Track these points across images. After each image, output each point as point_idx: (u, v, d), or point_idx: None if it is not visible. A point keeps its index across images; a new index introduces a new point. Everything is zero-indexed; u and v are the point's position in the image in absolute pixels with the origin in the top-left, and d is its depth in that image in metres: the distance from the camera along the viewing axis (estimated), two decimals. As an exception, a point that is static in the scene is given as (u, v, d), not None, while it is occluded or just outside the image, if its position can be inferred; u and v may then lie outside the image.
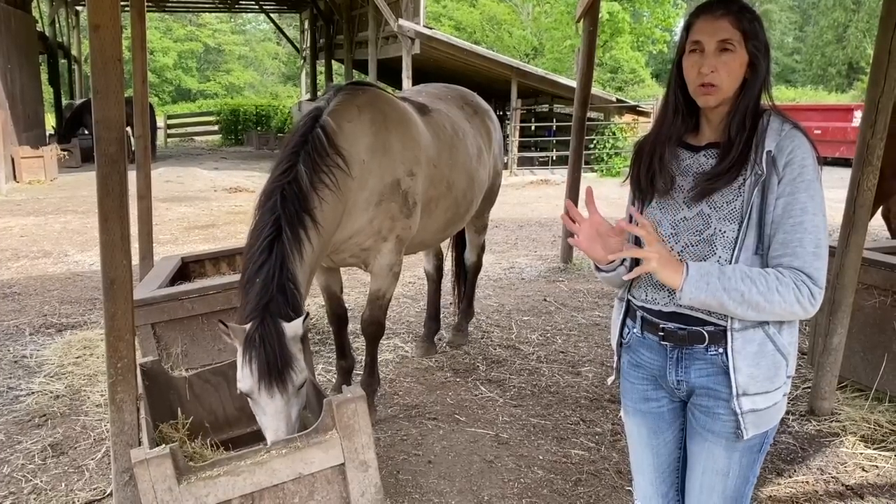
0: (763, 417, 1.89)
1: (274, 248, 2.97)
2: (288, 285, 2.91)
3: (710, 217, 1.86)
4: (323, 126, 3.40)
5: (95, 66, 2.63)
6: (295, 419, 2.77)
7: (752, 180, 1.80)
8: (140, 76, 5.90)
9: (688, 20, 1.91)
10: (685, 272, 1.76)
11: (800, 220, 1.77)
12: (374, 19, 18.66)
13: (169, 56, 44.64)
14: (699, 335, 1.89)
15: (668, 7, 27.42)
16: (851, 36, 42.41)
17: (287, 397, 2.70)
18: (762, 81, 1.85)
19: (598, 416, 4.22)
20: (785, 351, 1.86)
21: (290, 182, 3.16)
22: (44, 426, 4.09)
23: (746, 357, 1.84)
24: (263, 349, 2.66)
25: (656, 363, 2.02)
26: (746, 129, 1.83)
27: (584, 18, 8.03)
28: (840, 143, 18.94)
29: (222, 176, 16.23)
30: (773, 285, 1.75)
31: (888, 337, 4.25)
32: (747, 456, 1.96)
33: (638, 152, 2.05)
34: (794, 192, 1.77)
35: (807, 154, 1.79)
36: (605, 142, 17.90)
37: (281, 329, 2.72)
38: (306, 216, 3.12)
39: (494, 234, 9.68)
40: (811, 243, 1.77)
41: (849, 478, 3.52)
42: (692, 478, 2.05)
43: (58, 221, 10.75)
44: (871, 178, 3.95)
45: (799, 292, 1.75)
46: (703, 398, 1.95)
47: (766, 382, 1.86)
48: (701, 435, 1.99)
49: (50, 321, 5.98)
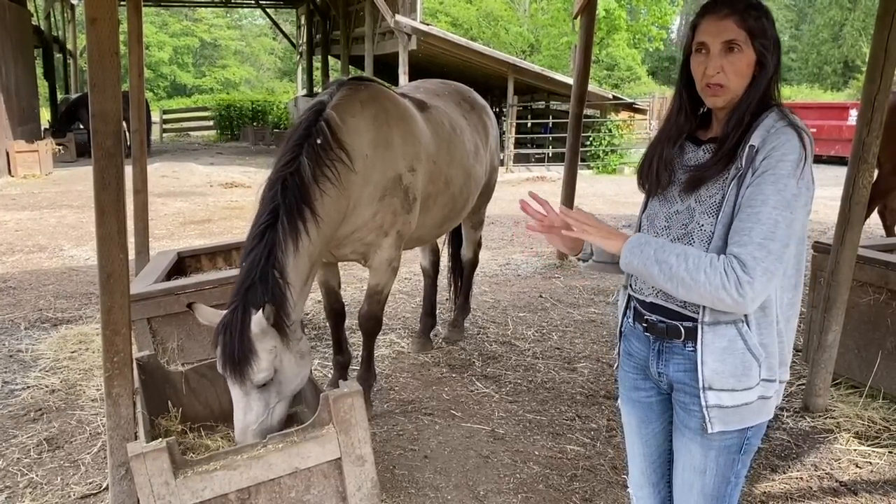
0: (731, 416, 1.86)
1: (266, 235, 2.97)
2: (272, 273, 2.89)
3: (694, 211, 1.87)
4: (327, 119, 3.40)
5: (92, 59, 2.62)
6: (258, 413, 2.78)
7: (733, 173, 1.79)
8: (136, 70, 5.88)
9: (694, 20, 1.90)
10: (629, 238, 1.83)
11: (756, 211, 1.71)
12: (371, 15, 18.62)
13: (164, 51, 44.53)
14: (676, 330, 1.91)
15: (665, 4, 27.38)
16: (847, 34, 42.49)
17: (245, 389, 2.74)
18: (769, 78, 1.83)
19: (593, 411, 4.23)
20: (756, 351, 1.82)
21: (293, 173, 3.16)
22: (39, 420, 4.09)
23: (714, 352, 1.83)
24: (224, 337, 2.72)
25: (642, 354, 2.06)
26: (744, 124, 1.81)
27: (580, 15, 8.03)
28: (836, 141, 18.97)
29: (218, 171, 16.18)
30: (703, 266, 1.71)
31: (882, 334, 4.27)
32: (724, 455, 1.94)
33: (650, 145, 2.07)
34: (761, 183, 1.72)
35: (789, 150, 1.72)
36: (602, 139, 17.91)
37: (247, 321, 2.73)
38: (306, 208, 3.12)
39: (490, 230, 9.69)
40: (759, 234, 1.69)
41: (843, 474, 3.54)
42: (676, 473, 2.08)
43: (53, 216, 10.72)
44: (866, 175, 3.96)
45: (726, 277, 1.68)
46: (680, 393, 1.97)
47: (732, 380, 1.83)
48: (680, 430, 2.01)
49: (45, 315, 5.97)
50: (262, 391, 2.80)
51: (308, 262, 3.16)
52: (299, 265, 3.08)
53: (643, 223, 2.03)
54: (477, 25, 36.64)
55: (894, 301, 4.18)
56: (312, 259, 3.22)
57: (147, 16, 37.69)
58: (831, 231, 4.18)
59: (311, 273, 3.26)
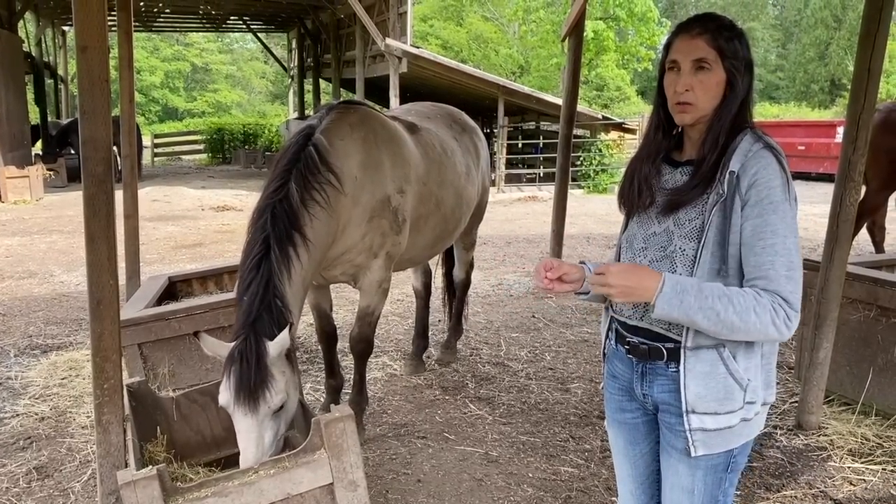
0: (714, 438, 1.87)
1: (261, 266, 2.98)
2: (275, 303, 2.91)
3: (673, 234, 1.88)
4: (315, 144, 3.41)
5: (83, 87, 2.63)
6: (269, 443, 2.74)
7: (713, 199, 1.80)
8: (127, 96, 5.90)
9: (668, 39, 1.93)
10: (660, 287, 1.74)
11: (771, 243, 1.75)
12: (362, 38, 18.78)
13: (156, 75, 44.70)
14: (659, 351, 1.91)
15: (653, 25, 27.73)
16: (833, 53, 43.06)
17: (259, 417, 2.69)
18: (741, 99, 1.85)
19: (587, 432, 4.22)
20: (738, 376, 1.82)
21: (281, 200, 3.17)
22: (28, 448, 4.05)
23: (696, 376, 1.84)
24: (241, 365, 2.67)
25: (626, 375, 2.06)
26: (719, 147, 1.83)
27: (569, 37, 8.11)
28: (823, 158, 19.14)
29: (210, 194, 16.18)
30: (751, 305, 1.72)
31: (873, 351, 4.29)
32: (712, 475, 1.94)
33: (629, 166, 2.08)
34: (763, 213, 1.75)
35: (773, 175, 1.76)
36: (592, 158, 18.02)
37: (263, 348, 2.72)
38: (296, 234, 3.13)
39: (482, 250, 9.70)
40: (783, 266, 1.74)
41: (837, 492, 3.53)
42: (664, 493, 2.08)
43: (43, 241, 10.67)
44: (853, 193, 3.99)
45: (775, 314, 1.73)
46: (665, 414, 1.97)
47: (715, 404, 1.83)
48: (667, 451, 2.01)
49: (35, 342, 5.93)
50: (274, 419, 2.76)
51: (302, 287, 3.18)
52: (295, 289, 3.09)
53: (622, 244, 2.05)
54: (467, 48, 36.99)
55: (884, 317, 4.20)
56: (305, 283, 3.24)
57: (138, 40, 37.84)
58: (821, 248, 4.20)
59: (305, 292, 3.27)
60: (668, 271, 1.85)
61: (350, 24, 20.00)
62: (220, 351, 2.78)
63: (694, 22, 1.87)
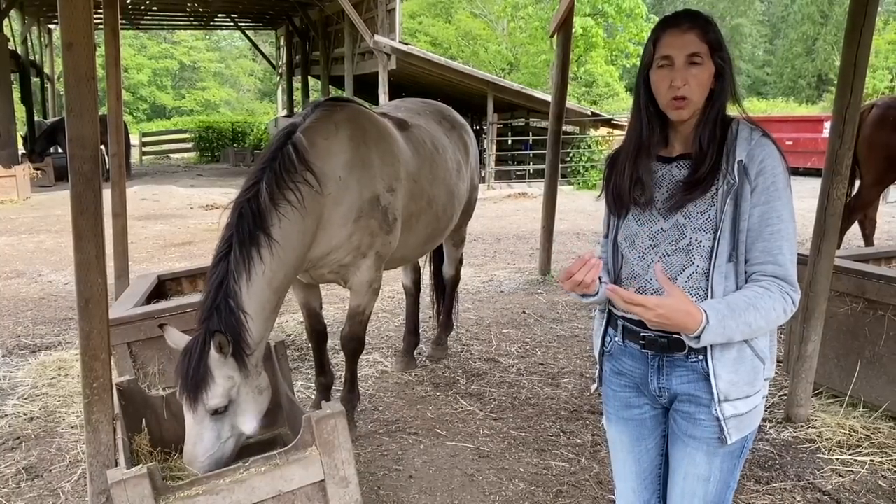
0: (744, 421, 1.91)
1: (219, 266, 2.99)
2: (226, 303, 2.89)
3: (685, 227, 1.88)
4: (294, 143, 3.37)
5: (69, 84, 2.62)
6: (210, 443, 2.79)
7: (725, 189, 1.82)
8: (114, 93, 5.87)
9: (654, 34, 1.91)
10: (704, 321, 1.73)
11: (778, 229, 1.81)
12: (350, 35, 18.74)
13: (143, 73, 44.42)
14: (679, 343, 1.90)
15: (641, 22, 27.77)
16: (820, 48, 43.25)
17: (198, 416, 2.78)
18: (729, 90, 1.88)
19: (578, 427, 4.23)
20: (763, 354, 1.89)
21: (250, 199, 3.14)
22: (17, 449, 4.02)
23: (726, 364, 1.86)
24: (183, 361, 2.77)
25: (638, 371, 2.04)
26: (717, 138, 1.86)
27: (557, 33, 8.13)
28: (811, 153, 19.24)
29: (198, 193, 16.12)
30: (770, 305, 1.79)
31: (861, 343, 4.32)
32: (728, 461, 1.97)
33: (611, 166, 2.06)
34: (770, 200, 1.81)
35: (777, 162, 1.83)
36: (581, 154, 18.06)
37: (207, 346, 2.76)
38: (261, 234, 3.07)
39: (473, 247, 9.71)
40: (789, 250, 1.83)
41: (826, 484, 3.56)
42: (674, 484, 2.06)
43: (31, 241, 10.61)
44: (840, 187, 4.02)
45: (786, 303, 1.81)
46: (684, 404, 1.97)
47: (747, 387, 1.89)
48: (682, 441, 2.00)
49: (23, 342, 5.89)
50: (216, 421, 2.81)
51: (268, 288, 3.09)
52: (257, 293, 3.02)
53: (622, 244, 2.02)
54: (456, 45, 36.92)
55: (871, 310, 4.24)
56: (274, 285, 3.13)
57: (125, 38, 37.61)
58: (808, 242, 4.23)
59: (277, 300, 3.19)
60: (684, 265, 1.88)
61: (339, 21, 19.94)
62: (180, 344, 2.89)
63: (682, 17, 1.87)
